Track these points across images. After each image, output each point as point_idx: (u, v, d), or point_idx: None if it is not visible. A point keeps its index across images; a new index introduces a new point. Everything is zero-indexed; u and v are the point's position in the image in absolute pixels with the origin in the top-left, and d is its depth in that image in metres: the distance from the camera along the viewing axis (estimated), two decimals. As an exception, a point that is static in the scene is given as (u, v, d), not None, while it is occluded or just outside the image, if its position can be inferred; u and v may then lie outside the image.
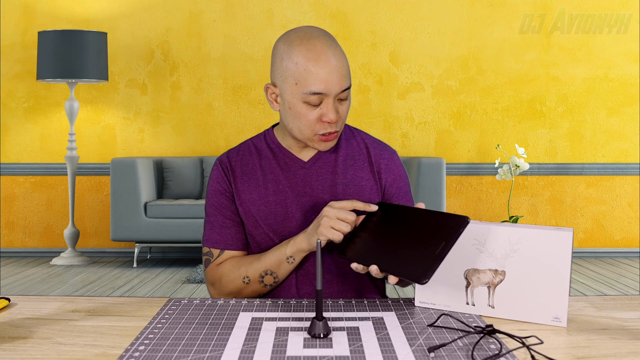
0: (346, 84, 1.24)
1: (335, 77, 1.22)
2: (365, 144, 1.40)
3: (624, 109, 4.75)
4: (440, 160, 4.25)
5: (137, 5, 4.73)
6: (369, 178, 1.37)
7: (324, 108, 1.24)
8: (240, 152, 1.39)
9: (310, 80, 1.22)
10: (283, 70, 1.25)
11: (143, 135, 4.76)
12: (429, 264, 1.00)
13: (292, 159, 1.36)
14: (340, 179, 1.35)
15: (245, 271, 1.29)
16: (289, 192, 1.34)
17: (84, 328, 1.01)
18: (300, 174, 1.35)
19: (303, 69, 1.22)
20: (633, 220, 4.77)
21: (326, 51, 1.22)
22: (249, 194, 1.35)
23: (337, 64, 1.23)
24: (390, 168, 1.39)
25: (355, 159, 1.38)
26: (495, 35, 4.74)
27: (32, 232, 4.79)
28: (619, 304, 1.16)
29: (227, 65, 4.75)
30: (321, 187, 1.34)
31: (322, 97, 1.23)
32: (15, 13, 4.72)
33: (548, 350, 0.91)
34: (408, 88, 4.76)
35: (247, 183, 1.35)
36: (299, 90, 1.23)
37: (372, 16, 4.74)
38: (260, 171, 1.36)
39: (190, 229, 4.23)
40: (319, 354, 0.87)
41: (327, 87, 1.22)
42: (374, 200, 1.36)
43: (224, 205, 1.36)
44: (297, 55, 1.23)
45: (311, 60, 1.22)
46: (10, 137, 4.76)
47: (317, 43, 1.23)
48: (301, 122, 1.26)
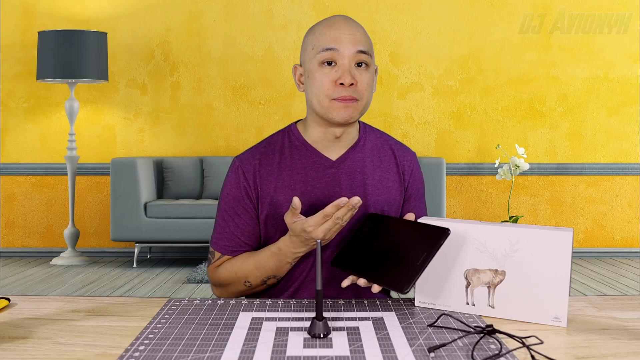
0: (361, 47, 1.25)
1: (348, 37, 1.25)
2: (389, 144, 1.39)
3: (624, 109, 4.75)
4: (440, 160, 4.25)
5: (137, 5, 4.73)
6: (395, 179, 1.36)
7: (338, 70, 1.24)
8: (262, 152, 1.34)
9: (323, 39, 1.26)
10: (306, 46, 1.30)
11: (143, 135, 4.76)
12: (410, 275, 1.04)
13: (319, 157, 1.32)
14: (369, 179, 1.33)
15: (244, 276, 1.29)
16: (318, 194, 1.30)
17: (84, 328, 1.01)
18: (329, 173, 1.31)
19: (319, 34, 1.27)
20: (633, 220, 4.77)
21: (343, 20, 1.28)
22: (276, 196, 1.30)
23: (352, 28, 1.26)
24: (413, 170, 1.39)
25: (381, 159, 1.36)
26: (495, 35, 4.74)
27: (32, 232, 4.79)
28: (619, 304, 1.16)
29: (227, 65, 4.75)
30: (350, 187, 1.31)
31: (335, 56, 1.24)
32: (15, 13, 4.72)
33: (548, 350, 0.91)
34: (408, 88, 4.76)
35: (274, 184, 1.30)
36: (314, 52, 1.26)
37: (372, 16, 4.74)
38: (286, 171, 1.31)
39: (190, 229, 4.23)
40: (319, 354, 0.87)
41: (339, 44, 1.24)
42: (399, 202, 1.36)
43: (239, 213, 1.32)
44: (316, 28, 1.29)
45: (327, 25, 1.27)
46: (10, 137, 4.76)
47: (336, 16, 1.30)
48: (317, 87, 1.26)
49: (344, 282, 1.14)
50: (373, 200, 1.32)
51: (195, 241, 4.26)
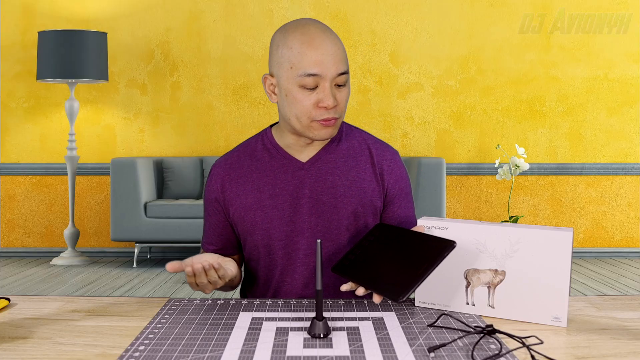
0: (342, 68, 1.22)
1: (330, 59, 1.20)
2: (367, 144, 1.36)
3: (624, 109, 4.75)
4: (440, 160, 4.25)
5: (137, 5, 4.73)
6: (371, 180, 1.33)
7: (320, 93, 1.21)
8: (235, 155, 1.36)
9: (304, 61, 1.20)
10: (279, 57, 1.24)
11: (143, 135, 4.76)
12: (407, 284, 1.02)
13: (289, 160, 1.32)
14: (341, 181, 1.31)
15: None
16: (286, 196, 1.30)
17: (84, 328, 1.01)
18: (298, 175, 1.31)
19: (297, 52, 1.20)
20: (633, 220, 4.77)
21: (321, 34, 1.21)
22: (244, 198, 1.32)
23: (333, 47, 1.21)
24: (392, 169, 1.35)
25: (357, 159, 1.34)
26: (495, 35, 4.74)
27: (32, 232, 4.79)
28: (619, 304, 1.16)
29: (227, 65, 4.75)
30: (320, 189, 1.30)
31: (317, 80, 1.20)
32: (15, 13, 4.72)
33: (548, 350, 0.91)
34: (408, 88, 4.76)
35: (242, 187, 1.32)
36: (294, 73, 1.21)
37: (372, 16, 4.74)
38: (256, 174, 1.32)
39: (190, 229, 4.23)
40: (319, 354, 0.87)
41: (321, 68, 1.20)
42: (376, 202, 1.33)
43: (213, 213, 1.37)
44: (291, 41, 1.22)
45: (305, 42, 1.20)
46: (10, 137, 4.76)
47: (311, 28, 1.22)
48: (297, 108, 1.23)
49: (343, 286, 1.13)
50: (345, 201, 1.30)
51: (195, 241, 4.26)
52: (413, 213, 1.39)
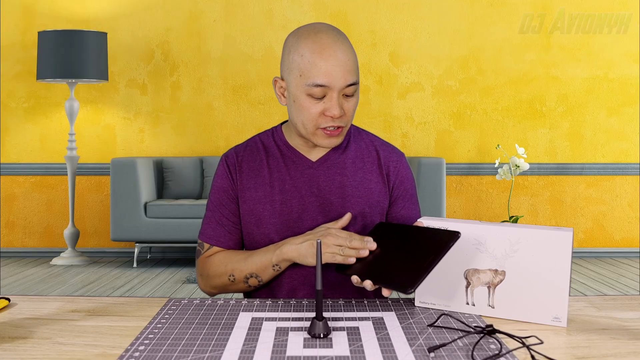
0: (352, 79, 1.23)
1: (339, 71, 1.21)
2: (375, 146, 1.39)
3: (624, 109, 4.75)
4: (440, 160, 4.25)
5: (137, 5, 4.73)
6: (378, 180, 1.35)
7: (327, 102, 1.22)
8: (247, 149, 1.38)
9: (313, 71, 1.21)
10: (289, 63, 1.25)
11: (143, 135, 4.76)
12: (415, 276, 1.02)
13: (299, 158, 1.34)
14: (349, 181, 1.33)
15: (231, 269, 1.29)
16: (294, 192, 1.32)
17: (84, 328, 1.01)
18: (307, 174, 1.33)
19: (307, 61, 1.22)
20: (633, 220, 4.77)
21: (332, 45, 1.22)
22: (255, 191, 1.33)
23: (343, 57, 1.22)
24: (398, 171, 1.38)
25: (364, 160, 1.36)
26: (495, 35, 4.74)
27: (32, 232, 4.79)
28: (619, 304, 1.16)
29: (227, 65, 4.75)
30: (329, 188, 1.32)
31: (325, 90, 1.22)
32: (15, 13, 4.72)
33: (548, 350, 0.91)
34: (408, 88, 4.76)
35: (254, 180, 1.34)
36: (302, 82, 1.22)
37: (372, 16, 4.74)
38: (267, 169, 1.34)
39: (190, 229, 4.23)
40: (319, 354, 0.87)
41: (330, 79, 1.21)
42: (383, 203, 1.35)
43: (224, 203, 1.35)
44: (303, 48, 1.23)
45: (316, 52, 1.21)
46: (10, 137, 4.76)
47: (323, 37, 1.23)
48: (304, 115, 1.24)
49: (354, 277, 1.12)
50: (353, 201, 1.32)
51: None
52: (417, 214, 1.41)
